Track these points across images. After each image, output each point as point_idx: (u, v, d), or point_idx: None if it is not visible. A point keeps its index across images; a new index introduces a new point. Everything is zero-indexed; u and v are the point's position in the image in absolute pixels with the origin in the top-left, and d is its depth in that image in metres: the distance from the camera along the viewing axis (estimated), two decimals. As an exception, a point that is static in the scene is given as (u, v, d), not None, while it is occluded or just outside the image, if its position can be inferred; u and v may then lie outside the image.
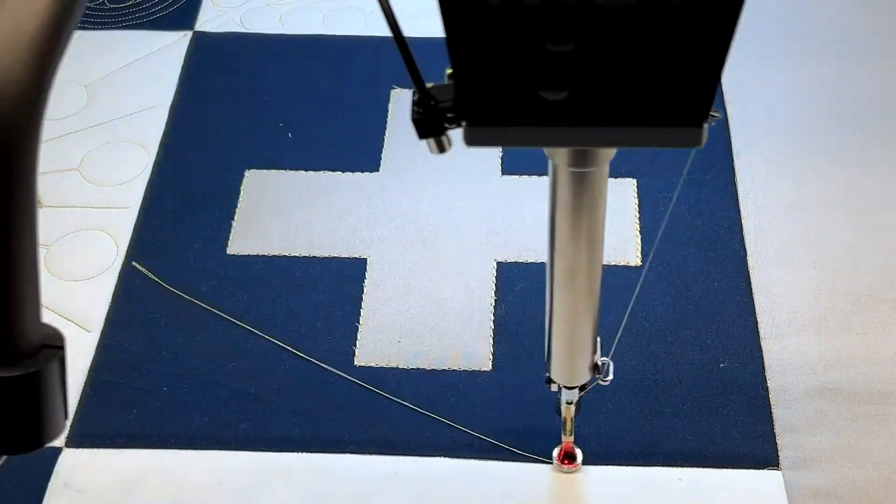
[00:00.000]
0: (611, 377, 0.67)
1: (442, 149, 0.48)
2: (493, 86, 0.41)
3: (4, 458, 0.46)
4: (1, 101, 0.34)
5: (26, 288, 0.37)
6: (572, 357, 0.64)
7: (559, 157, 0.51)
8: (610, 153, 0.51)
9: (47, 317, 0.67)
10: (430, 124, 0.46)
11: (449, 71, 0.47)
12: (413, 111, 0.47)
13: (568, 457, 0.76)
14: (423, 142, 0.48)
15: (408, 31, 0.43)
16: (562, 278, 0.59)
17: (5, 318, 0.37)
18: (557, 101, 0.41)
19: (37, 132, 0.35)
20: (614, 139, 0.44)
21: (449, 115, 0.46)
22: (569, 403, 0.71)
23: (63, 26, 0.35)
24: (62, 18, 0.34)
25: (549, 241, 0.58)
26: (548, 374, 0.68)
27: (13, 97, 0.34)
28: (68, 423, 0.41)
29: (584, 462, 0.76)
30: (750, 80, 1.04)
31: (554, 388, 0.69)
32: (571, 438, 0.75)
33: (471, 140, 0.44)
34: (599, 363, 0.66)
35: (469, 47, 0.39)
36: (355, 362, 0.83)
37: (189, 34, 1.12)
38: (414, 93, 0.47)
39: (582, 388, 0.68)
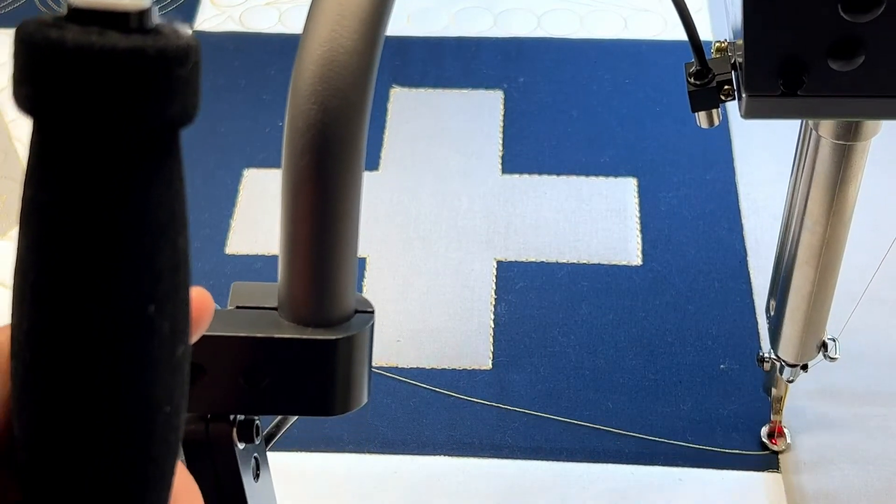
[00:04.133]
0: (838, 356, 0.66)
1: (712, 123, 0.49)
2: (784, 56, 0.41)
3: (295, 418, 0.46)
4: (338, 71, 0.35)
5: (350, 252, 0.37)
6: (805, 334, 0.64)
7: (825, 129, 0.51)
8: (878, 126, 0.51)
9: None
10: (705, 97, 0.47)
11: (716, 45, 0.48)
12: (689, 83, 0.48)
13: (777, 436, 0.76)
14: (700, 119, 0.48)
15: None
16: (806, 253, 0.59)
17: (332, 283, 0.37)
18: (848, 73, 0.41)
19: (369, 101, 0.36)
20: None
21: (726, 87, 0.47)
22: (790, 381, 0.70)
23: None
24: None
25: (792, 216, 0.58)
26: (762, 353, 0.69)
27: (348, 67, 0.35)
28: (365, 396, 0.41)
29: (583, 461, 0.76)
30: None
31: (767, 367, 0.69)
32: (780, 418, 0.75)
33: (749, 112, 0.44)
34: (827, 341, 0.66)
35: (766, 16, 0.40)
36: (354, 362, 0.83)
37: (188, 33, 1.11)
38: (688, 65, 0.48)
39: (804, 367, 0.68)
